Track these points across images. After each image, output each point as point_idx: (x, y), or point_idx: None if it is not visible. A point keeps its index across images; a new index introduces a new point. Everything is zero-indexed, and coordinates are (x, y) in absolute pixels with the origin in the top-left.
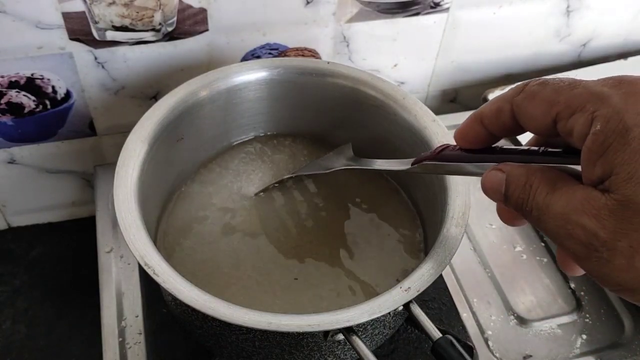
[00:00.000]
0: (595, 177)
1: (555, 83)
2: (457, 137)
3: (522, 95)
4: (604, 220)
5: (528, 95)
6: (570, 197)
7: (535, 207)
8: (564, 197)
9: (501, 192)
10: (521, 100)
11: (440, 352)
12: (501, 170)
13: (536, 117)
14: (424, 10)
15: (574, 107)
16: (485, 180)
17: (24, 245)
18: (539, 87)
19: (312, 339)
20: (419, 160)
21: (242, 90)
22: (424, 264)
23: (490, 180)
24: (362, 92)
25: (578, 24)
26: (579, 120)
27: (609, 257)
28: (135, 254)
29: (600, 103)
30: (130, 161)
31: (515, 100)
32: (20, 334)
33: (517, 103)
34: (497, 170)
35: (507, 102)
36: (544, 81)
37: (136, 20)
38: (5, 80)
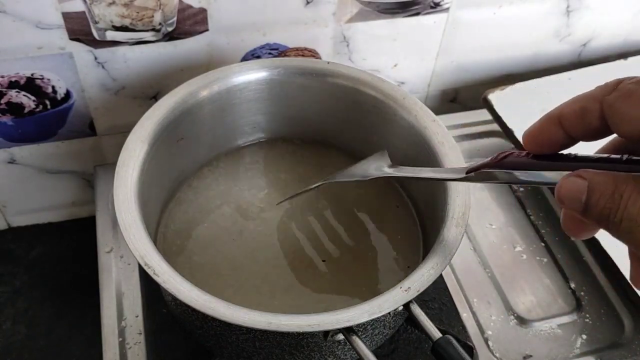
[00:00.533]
0: None
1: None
2: (527, 139)
3: (615, 94)
4: None
5: (623, 94)
6: None
7: (627, 218)
8: None
9: (581, 201)
10: (614, 99)
11: (440, 352)
12: (581, 177)
13: (634, 119)
14: (424, 10)
15: None
16: (562, 187)
17: (24, 245)
18: (636, 85)
19: (312, 339)
20: (476, 168)
21: (242, 91)
22: (424, 264)
23: (568, 187)
24: (362, 92)
25: (578, 24)
26: None
27: None
28: (135, 254)
29: None
30: (130, 161)
31: (607, 99)
32: (20, 334)
33: (609, 102)
34: (576, 176)
35: (595, 102)
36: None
37: (136, 20)
38: (5, 80)
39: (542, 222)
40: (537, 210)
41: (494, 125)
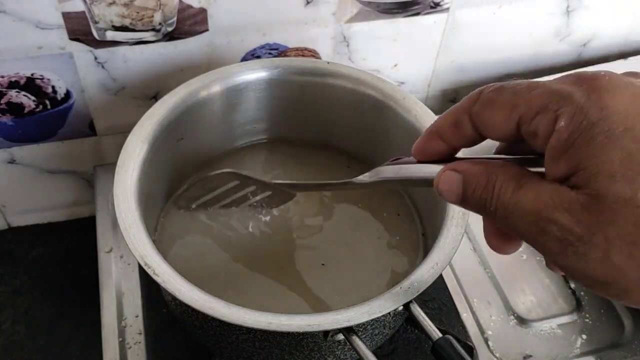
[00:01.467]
0: (560, 173)
1: (512, 87)
2: (415, 153)
3: (478, 104)
4: (578, 214)
5: (485, 103)
6: (538, 193)
7: (501, 206)
8: (531, 194)
9: (459, 194)
10: (479, 109)
11: (440, 352)
12: (456, 170)
13: (497, 124)
14: (424, 10)
15: (537, 108)
16: (440, 181)
17: (24, 245)
18: (495, 93)
19: (312, 339)
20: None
21: (242, 91)
22: (424, 264)
23: (445, 181)
24: (362, 92)
25: (578, 24)
26: (543, 121)
27: (584, 251)
28: (135, 254)
29: (562, 101)
30: (130, 161)
31: (473, 110)
32: (20, 334)
33: (475, 113)
34: (451, 170)
35: (464, 113)
36: (500, 87)
37: (136, 20)
38: (5, 80)
39: None
40: None
41: None
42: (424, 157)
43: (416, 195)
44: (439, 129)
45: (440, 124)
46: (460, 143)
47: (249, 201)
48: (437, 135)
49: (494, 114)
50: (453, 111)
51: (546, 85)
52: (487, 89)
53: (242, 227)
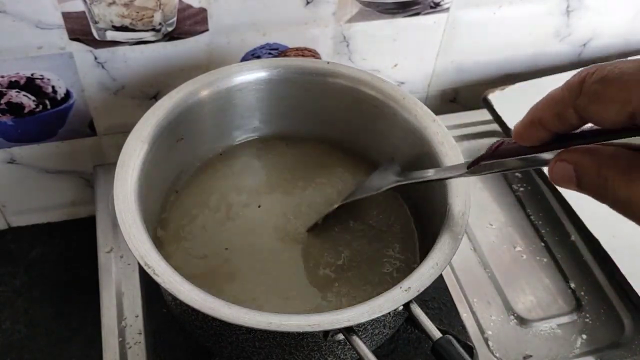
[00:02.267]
0: None
1: (618, 77)
2: (518, 139)
3: (584, 98)
4: None
5: (592, 98)
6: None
7: (617, 198)
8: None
9: (574, 183)
10: (585, 103)
11: (440, 352)
12: (567, 161)
13: (609, 118)
14: (424, 10)
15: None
16: (553, 174)
17: (23, 245)
18: (600, 86)
19: (312, 339)
20: (476, 162)
21: (242, 91)
22: (423, 264)
23: (558, 173)
24: (362, 92)
25: (578, 24)
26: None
27: None
28: (135, 254)
29: None
30: (130, 161)
31: (578, 104)
32: (20, 334)
33: (581, 107)
34: (562, 161)
35: (568, 106)
36: (604, 76)
37: (136, 20)
38: (5, 80)
39: (542, 222)
40: (537, 210)
41: (493, 125)
42: (527, 143)
43: (415, 195)
44: (541, 119)
45: (541, 114)
46: (566, 130)
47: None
48: (539, 123)
49: (604, 109)
50: (554, 103)
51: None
52: (590, 79)
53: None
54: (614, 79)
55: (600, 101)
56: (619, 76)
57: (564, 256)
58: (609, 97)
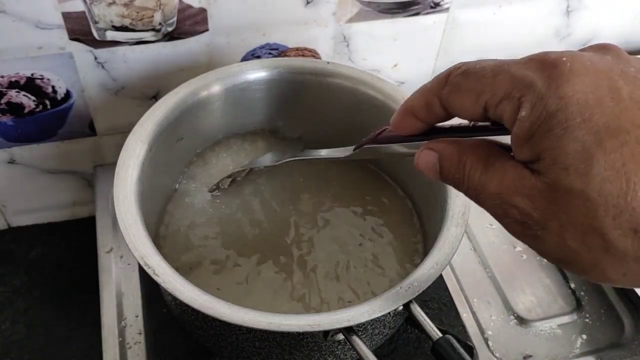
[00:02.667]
0: (524, 158)
1: (478, 71)
2: (395, 128)
3: (447, 88)
4: (536, 201)
5: (453, 88)
6: (503, 176)
7: (472, 186)
8: (497, 176)
9: (437, 172)
10: (447, 93)
11: (440, 352)
12: (433, 150)
13: (466, 108)
14: (424, 10)
15: (501, 95)
16: (419, 161)
17: (24, 245)
18: (461, 77)
19: (312, 339)
20: (360, 145)
21: (242, 91)
22: (423, 264)
23: (423, 160)
24: (362, 92)
25: (578, 24)
26: (507, 108)
27: (542, 235)
28: (135, 254)
29: (525, 89)
30: (130, 161)
31: (442, 94)
32: (20, 334)
33: (444, 97)
34: (428, 149)
35: (434, 96)
36: (466, 70)
37: (136, 20)
38: (5, 80)
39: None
40: None
41: None
42: (403, 132)
43: (416, 195)
44: (412, 108)
45: (413, 103)
46: (434, 121)
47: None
48: (411, 113)
49: (462, 98)
50: (424, 92)
51: (510, 71)
52: (455, 72)
53: (242, 227)
54: (474, 73)
55: (459, 91)
56: (478, 70)
57: None
58: (466, 88)
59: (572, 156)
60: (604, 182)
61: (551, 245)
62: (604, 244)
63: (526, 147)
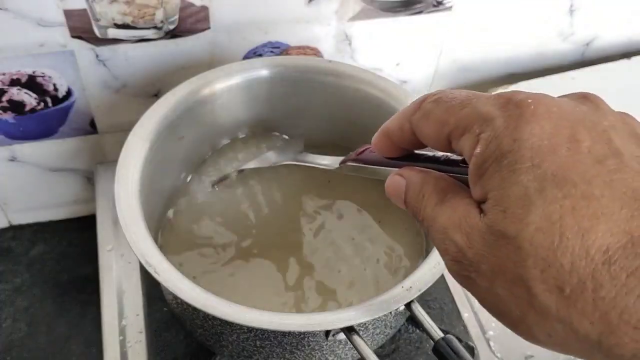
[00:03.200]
0: (476, 197)
1: (448, 101)
2: (374, 147)
3: (418, 114)
4: (473, 240)
5: (423, 115)
6: (453, 211)
7: (425, 217)
8: (448, 211)
9: (402, 199)
10: (417, 119)
11: (442, 352)
12: (401, 176)
13: (431, 137)
14: (427, 9)
15: (463, 128)
16: (388, 184)
17: (24, 243)
18: (432, 105)
19: (314, 338)
20: (344, 161)
21: (243, 89)
22: (425, 263)
23: (392, 185)
24: (364, 91)
25: (581, 23)
26: (467, 142)
27: (475, 277)
28: (136, 253)
29: (485, 125)
30: (131, 159)
31: (413, 119)
32: (20, 332)
33: (414, 122)
34: (398, 175)
35: (407, 121)
36: (438, 98)
37: (138, 18)
38: (6, 77)
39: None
40: None
41: None
42: (380, 153)
43: None
44: (388, 130)
45: (389, 125)
46: (407, 145)
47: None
48: (387, 135)
49: (429, 126)
50: (400, 115)
51: (476, 105)
52: (429, 99)
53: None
54: (445, 101)
55: (427, 119)
56: (448, 100)
57: None
58: (434, 117)
59: (513, 200)
60: (537, 231)
61: (482, 291)
62: (529, 297)
63: (478, 185)
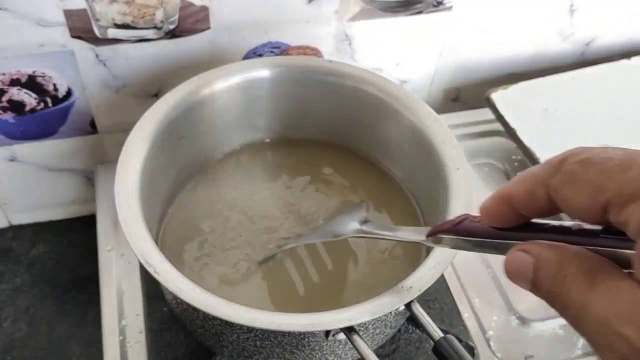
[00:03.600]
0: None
1: (602, 162)
2: (483, 215)
3: (559, 177)
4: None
5: (567, 177)
6: (614, 298)
7: (571, 304)
8: (606, 297)
9: (528, 280)
10: (559, 183)
11: (442, 352)
12: (528, 252)
13: (580, 205)
14: (427, 9)
15: (629, 195)
16: (509, 263)
17: (25, 243)
18: (579, 166)
19: (314, 339)
20: (435, 232)
21: (244, 89)
22: (425, 263)
23: (514, 263)
24: (365, 91)
25: (581, 23)
26: (636, 212)
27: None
28: (136, 253)
29: None
30: (131, 160)
31: (552, 183)
32: (21, 332)
33: (554, 186)
34: (522, 251)
35: (541, 185)
36: (586, 159)
37: (138, 18)
38: (6, 77)
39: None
40: None
41: (496, 124)
42: (493, 223)
43: (419, 194)
44: (511, 195)
45: (512, 190)
46: (534, 215)
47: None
48: (508, 201)
49: (577, 192)
50: (529, 178)
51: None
52: (571, 159)
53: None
54: (597, 162)
55: (574, 183)
56: (601, 161)
57: None
58: (584, 181)
59: None
60: None
61: None
62: None
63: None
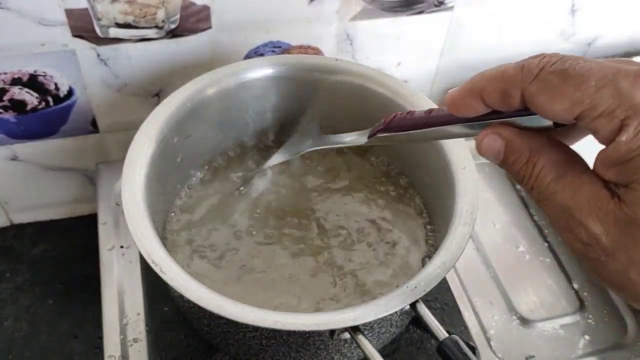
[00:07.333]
0: (607, 179)
1: (578, 76)
2: (449, 105)
3: (536, 84)
4: (610, 228)
5: (545, 86)
6: (577, 191)
7: (538, 189)
8: (569, 188)
9: (499, 159)
10: (536, 91)
11: (446, 352)
12: (500, 136)
13: (555, 112)
14: (428, 9)
15: (601, 110)
16: (482, 145)
17: (26, 242)
18: (557, 77)
19: (319, 338)
20: (374, 134)
21: (249, 88)
22: (430, 263)
23: (488, 145)
24: (370, 89)
25: (583, 23)
26: (606, 126)
27: (605, 260)
28: (142, 252)
29: (632, 111)
30: (137, 159)
31: (528, 89)
32: (22, 331)
33: (530, 93)
34: (495, 134)
35: (517, 88)
36: (564, 71)
37: (139, 18)
38: (8, 77)
39: (545, 222)
40: (540, 210)
41: None
42: (459, 113)
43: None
44: (484, 90)
45: (485, 86)
46: (503, 109)
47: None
48: (479, 95)
49: (554, 101)
50: (504, 78)
51: (618, 87)
52: (549, 67)
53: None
54: (575, 76)
55: (551, 93)
56: (579, 73)
57: (567, 256)
58: (561, 92)
59: None
60: None
61: (611, 272)
62: None
63: (614, 170)
